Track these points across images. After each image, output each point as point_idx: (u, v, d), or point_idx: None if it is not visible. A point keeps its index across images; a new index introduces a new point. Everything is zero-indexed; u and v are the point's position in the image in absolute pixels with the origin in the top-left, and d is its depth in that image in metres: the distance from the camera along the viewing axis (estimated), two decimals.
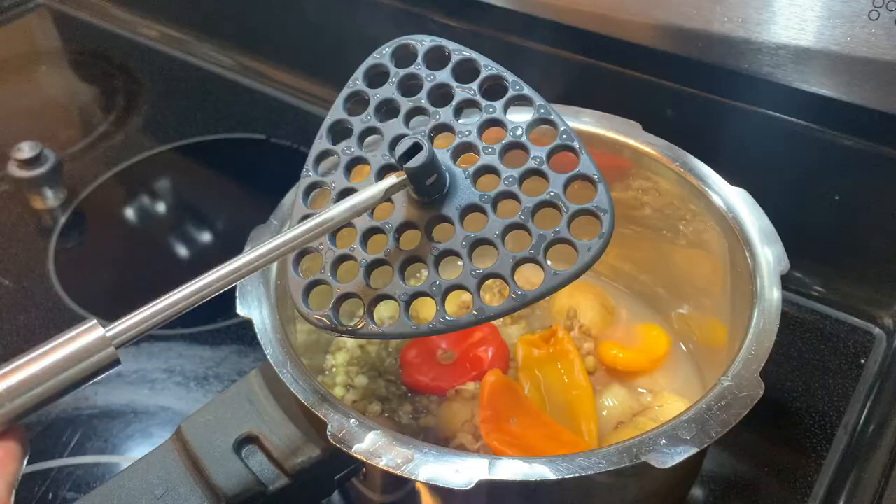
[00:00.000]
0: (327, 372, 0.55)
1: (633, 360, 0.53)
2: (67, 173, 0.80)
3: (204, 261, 0.73)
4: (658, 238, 0.55)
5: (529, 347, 0.53)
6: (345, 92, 0.42)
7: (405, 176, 0.36)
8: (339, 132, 0.42)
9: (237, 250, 0.47)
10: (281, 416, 0.40)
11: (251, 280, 0.45)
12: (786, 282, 0.44)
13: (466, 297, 0.37)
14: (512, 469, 0.35)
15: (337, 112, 0.42)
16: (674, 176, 0.51)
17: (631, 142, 0.52)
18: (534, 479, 0.35)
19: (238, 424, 0.40)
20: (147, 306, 0.32)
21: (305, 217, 0.38)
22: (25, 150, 0.77)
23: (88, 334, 0.30)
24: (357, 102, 0.42)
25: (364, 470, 0.42)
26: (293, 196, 0.50)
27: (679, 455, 0.35)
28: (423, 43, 0.40)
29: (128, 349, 0.63)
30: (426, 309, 0.38)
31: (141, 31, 1.04)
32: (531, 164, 0.37)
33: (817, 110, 0.58)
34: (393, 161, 0.38)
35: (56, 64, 1.05)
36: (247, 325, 0.43)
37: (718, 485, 0.52)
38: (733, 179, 0.49)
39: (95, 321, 0.31)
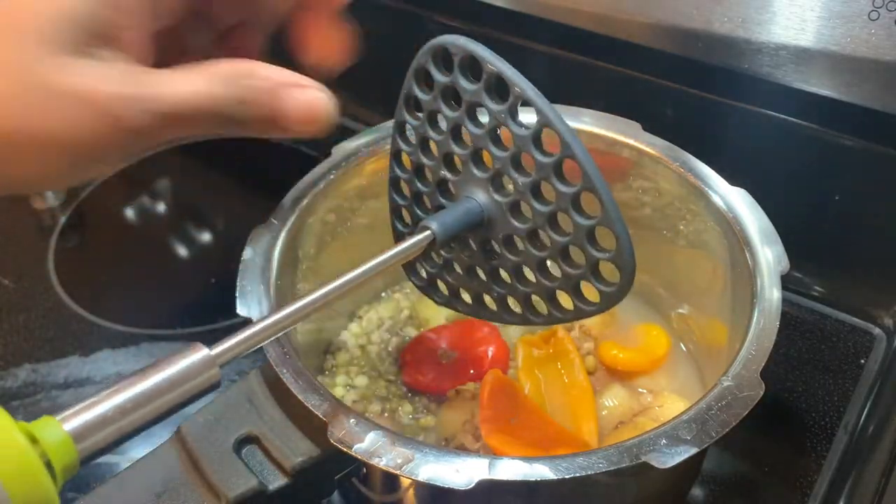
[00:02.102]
0: (327, 372, 0.55)
1: (633, 360, 0.53)
2: None
3: (204, 261, 0.74)
4: (658, 238, 0.55)
5: (529, 347, 0.53)
6: (402, 93, 0.43)
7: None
8: (403, 133, 0.44)
9: (237, 251, 0.47)
10: (281, 416, 0.40)
11: (251, 280, 0.45)
12: (786, 282, 0.44)
13: None
14: (512, 469, 0.35)
15: (401, 113, 0.43)
16: (674, 176, 0.51)
17: (631, 142, 0.52)
18: (534, 479, 0.35)
19: (238, 424, 0.40)
20: (248, 327, 0.34)
21: None
22: None
23: (194, 353, 0.32)
24: (412, 105, 0.43)
25: (364, 470, 0.42)
26: (294, 195, 0.51)
27: (679, 455, 0.36)
28: (456, 47, 0.39)
29: (128, 349, 0.63)
30: None
31: None
32: (556, 206, 0.38)
33: (817, 110, 0.58)
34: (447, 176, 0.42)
35: None
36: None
37: (718, 485, 0.52)
38: (733, 179, 0.49)
39: (199, 344, 0.33)
